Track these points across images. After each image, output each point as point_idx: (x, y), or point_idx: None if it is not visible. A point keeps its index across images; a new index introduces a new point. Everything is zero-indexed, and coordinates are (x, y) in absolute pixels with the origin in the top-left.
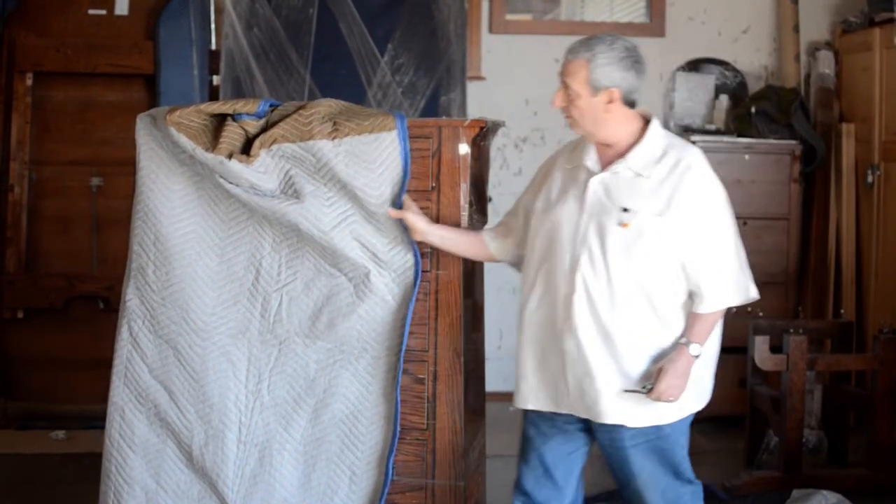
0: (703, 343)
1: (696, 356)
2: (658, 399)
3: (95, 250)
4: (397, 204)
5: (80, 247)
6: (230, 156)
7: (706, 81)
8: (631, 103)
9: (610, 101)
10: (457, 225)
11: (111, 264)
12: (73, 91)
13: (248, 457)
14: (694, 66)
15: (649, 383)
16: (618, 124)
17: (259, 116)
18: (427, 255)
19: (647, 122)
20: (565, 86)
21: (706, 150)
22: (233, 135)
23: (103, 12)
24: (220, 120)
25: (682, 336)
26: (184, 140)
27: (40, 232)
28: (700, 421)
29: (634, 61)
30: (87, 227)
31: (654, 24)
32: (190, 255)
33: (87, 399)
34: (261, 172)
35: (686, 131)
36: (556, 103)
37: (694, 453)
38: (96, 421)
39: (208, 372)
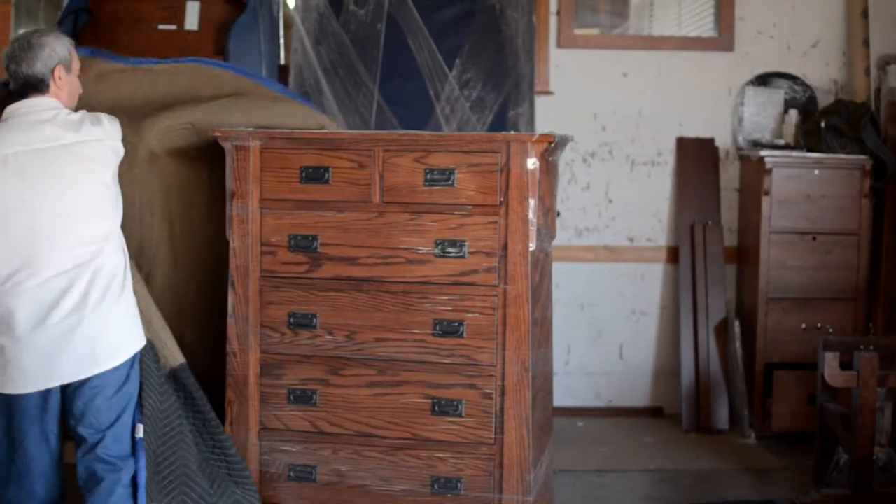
0: None
1: None
2: None
3: None
4: None
5: None
6: None
7: (775, 96)
8: None
9: None
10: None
11: None
12: None
13: None
14: (763, 80)
15: None
16: None
17: None
18: (495, 269)
19: None
20: None
21: (776, 165)
22: None
23: (173, 27)
24: None
25: None
26: None
27: None
28: (768, 437)
29: None
30: None
31: (723, 38)
32: None
33: None
34: None
35: (755, 145)
36: None
37: (763, 470)
38: None
39: None
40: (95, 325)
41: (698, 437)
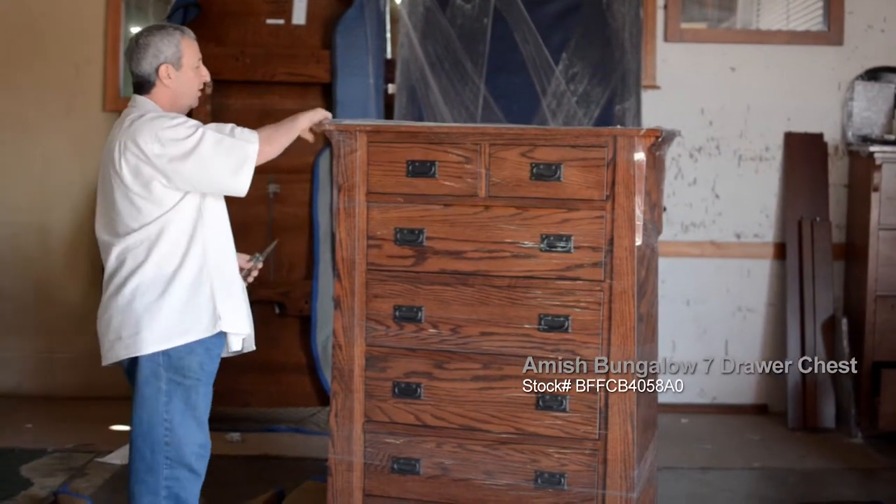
0: None
1: None
2: None
3: (273, 256)
4: None
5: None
6: None
7: (886, 91)
8: None
9: None
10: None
11: (287, 270)
12: (251, 99)
13: None
14: (873, 75)
15: None
16: None
17: None
18: (600, 264)
19: None
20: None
21: (886, 161)
22: None
23: (281, 22)
24: None
25: None
26: None
27: None
28: (875, 437)
29: None
30: (263, 233)
31: (833, 32)
32: None
33: (262, 402)
34: None
35: (865, 141)
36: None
37: (869, 470)
38: (270, 424)
39: None
40: None
41: (804, 435)
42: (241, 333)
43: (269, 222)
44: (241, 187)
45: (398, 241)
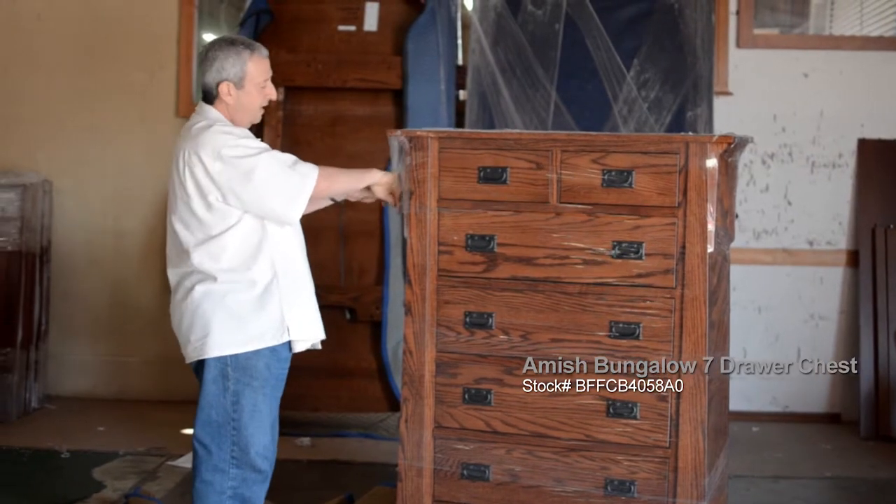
0: None
1: None
2: None
3: (343, 262)
4: None
5: (328, 258)
6: None
7: None
8: None
9: None
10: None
11: (357, 275)
12: (322, 105)
13: None
14: None
15: None
16: None
17: None
18: (672, 271)
19: None
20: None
21: None
22: None
23: (353, 28)
24: None
25: None
26: None
27: None
28: None
29: None
30: (334, 238)
31: None
32: None
33: (332, 407)
34: None
35: None
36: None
37: None
38: (340, 429)
39: None
40: None
41: (876, 445)
42: (309, 340)
43: (339, 227)
44: (291, 218)
45: (469, 247)
